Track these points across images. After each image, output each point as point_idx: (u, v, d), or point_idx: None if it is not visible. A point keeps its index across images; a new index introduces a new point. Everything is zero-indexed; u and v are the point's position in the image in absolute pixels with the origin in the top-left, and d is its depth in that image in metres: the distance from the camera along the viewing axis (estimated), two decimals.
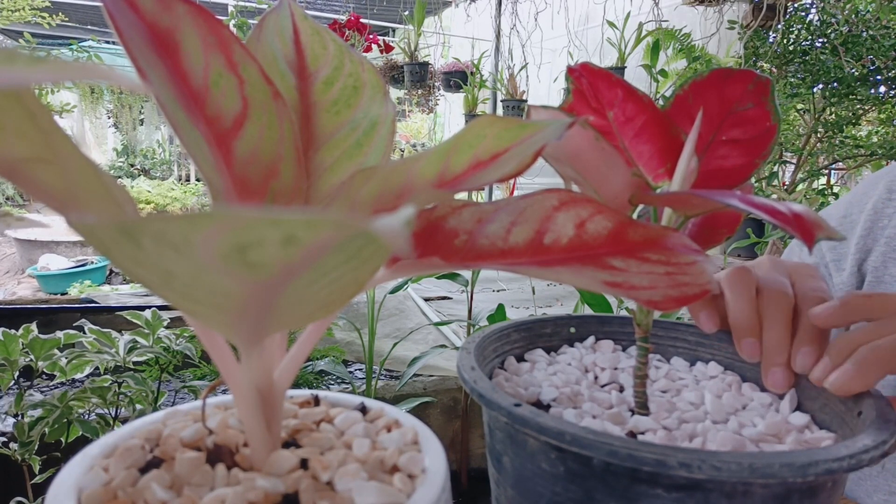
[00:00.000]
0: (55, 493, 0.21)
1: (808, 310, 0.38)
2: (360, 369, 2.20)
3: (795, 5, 2.47)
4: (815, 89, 2.52)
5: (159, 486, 0.21)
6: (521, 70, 3.24)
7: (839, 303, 0.36)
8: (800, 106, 2.67)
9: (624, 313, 0.46)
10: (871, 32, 2.27)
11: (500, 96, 3.37)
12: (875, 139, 2.81)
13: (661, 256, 0.24)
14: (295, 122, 0.25)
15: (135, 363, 1.08)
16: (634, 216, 0.33)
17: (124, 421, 1.04)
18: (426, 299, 2.80)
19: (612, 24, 2.73)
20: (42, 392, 1.15)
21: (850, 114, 2.59)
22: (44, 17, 3.34)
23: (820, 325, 0.36)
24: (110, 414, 1.05)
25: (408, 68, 3.51)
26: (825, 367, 0.34)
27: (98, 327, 1.08)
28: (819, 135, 2.68)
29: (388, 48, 3.48)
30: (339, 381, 1.78)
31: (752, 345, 0.37)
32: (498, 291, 3.05)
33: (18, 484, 1.01)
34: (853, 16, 2.31)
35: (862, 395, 0.32)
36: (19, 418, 0.99)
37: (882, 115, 2.86)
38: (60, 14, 3.46)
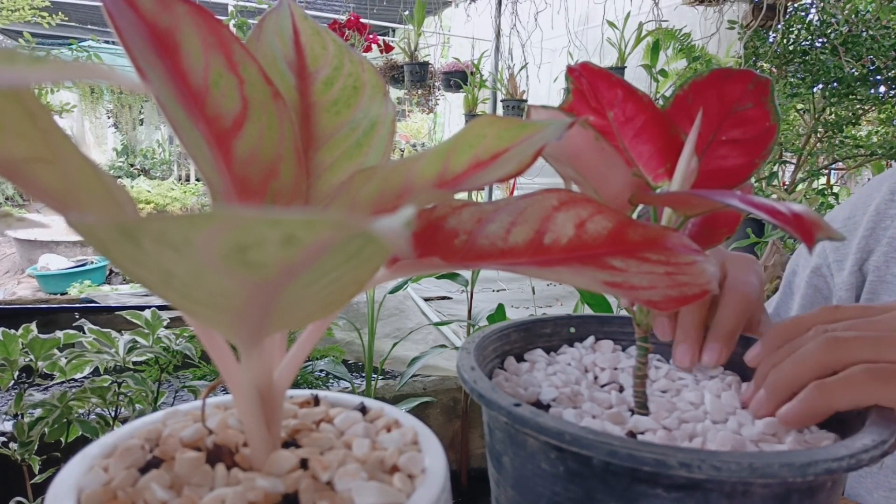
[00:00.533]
0: (55, 493, 0.21)
1: (728, 302, 0.40)
2: (358, 366, 2.20)
3: (795, 5, 2.47)
4: (815, 89, 2.52)
5: (159, 486, 0.21)
6: (521, 70, 3.23)
7: (762, 343, 0.37)
8: (800, 106, 2.67)
9: (624, 313, 0.46)
10: (871, 32, 2.27)
11: (500, 96, 3.37)
12: (875, 139, 2.81)
13: (660, 256, 0.24)
14: (295, 122, 0.25)
15: (135, 363, 1.08)
16: (634, 216, 0.33)
17: (124, 421, 1.04)
18: (426, 299, 2.80)
19: (612, 24, 2.73)
20: (42, 391, 1.15)
21: (850, 114, 2.59)
22: (44, 17, 3.34)
23: (753, 365, 0.37)
24: (110, 414, 1.05)
25: (408, 68, 3.51)
26: (749, 390, 0.36)
27: (98, 327, 1.09)
28: (819, 135, 2.68)
29: (388, 48, 3.48)
30: (337, 379, 1.78)
31: (664, 324, 0.41)
32: (498, 291, 3.05)
33: (18, 484, 1.01)
34: (853, 16, 2.31)
35: None
36: (19, 418, 0.99)
37: (882, 115, 2.86)
38: (60, 14, 3.46)
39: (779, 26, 2.43)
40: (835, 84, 2.42)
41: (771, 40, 2.54)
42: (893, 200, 0.63)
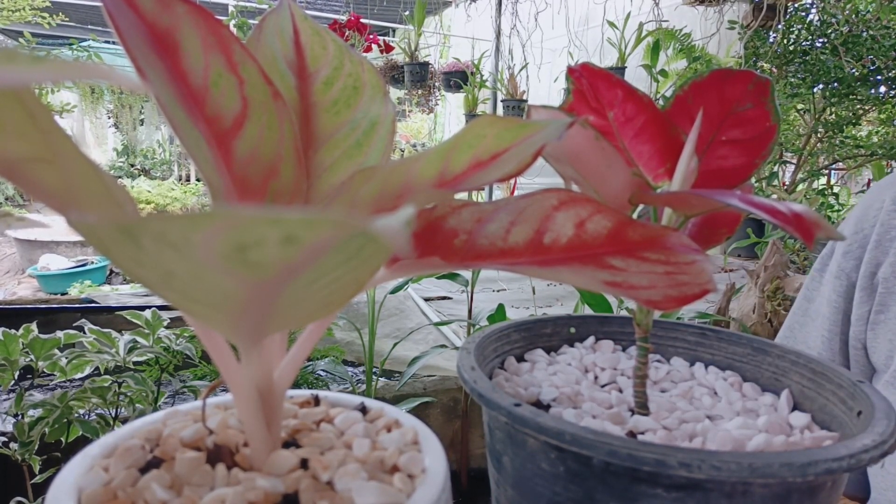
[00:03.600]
0: (55, 493, 0.21)
1: None
2: (356, 366, 2.20)
3: (796, 5, 2.47)
4: (815, 89, 2.53)
5: (159, 486, 0.21)
6: (521, 70, 3.24)
7: None
8: (800, 106, 2.67)
9: (624, 313, 0.46)
10: (871, 32, 2.27)
11: (500, 96, 3.37)
12: (875, 139, 2.81)
13: (660, 256, 0.24)
14: (295, 122, 0.25)
15: (135, 363, 1.08)
16: (634, 216, 0.33)
17: (124, 421, 1.04)
18: (426, 299, 2.80)
19: (612, 25, 2.73)
20: (42, 391, 1.16)
21: (851, 114, 2.60)
22: (44, 17, 3.35)
23: None
24: (110, 414, 1.05)
25: (408, 68, 3.52)
26: None
27: (98, 327, 1.08)
28: (819, 135, 2.68)
29: (388, 48, 3.48)
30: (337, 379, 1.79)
31: None
32: (498, 291, 3.04)
33: (18, 484, 1.01)
34: (853, 16, 2.31)
35: (862, 395, 0.32)
36: (19, 418, 0.99)
37: (882, 115, 2.86)
38: (60, 14, 3.46)
39: (779, 26, 2.43)
40: (835, 84, 2.42)
41: (771, 40, 2.54)
42: None
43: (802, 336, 0.72)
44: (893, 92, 2.47)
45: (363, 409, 0.28)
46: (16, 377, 1.00)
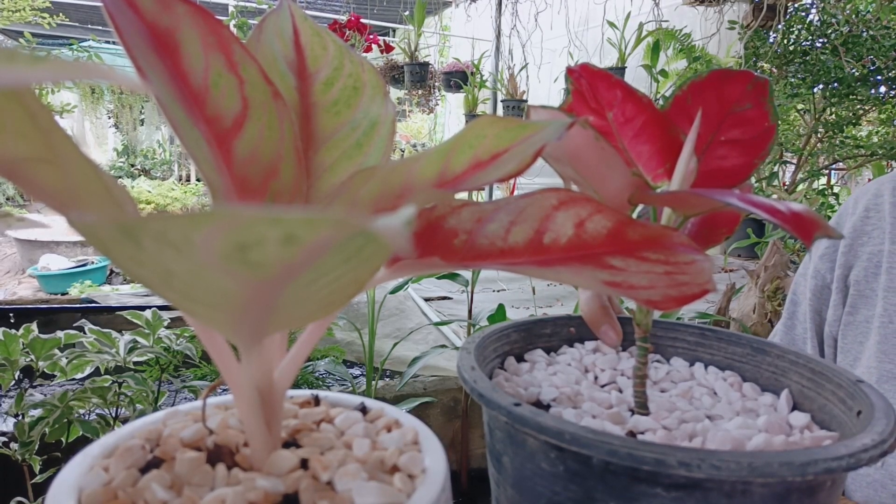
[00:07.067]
0: (55, 493, 0.21)
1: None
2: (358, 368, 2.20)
3: (796, 5, 2.47)
4: (815, 89, 2.53)
5: (159, 486, 0.21)
6: (521, 70, 3.24)
7: None
8: (800, 106, 2.67)
9: (624, 313, 0.46)
10: (871, 32, 2.27)
11: (500, 96, 3.38)
12: (875, 139, 2.81)
13: (660, 256, 0.24)
14: (295, 123, 0.25)
15: (135, 363, 1.08)
16: (634, 216, 0.33)
17: (124, 421, 1.04)
18: (426, 299, 2.80)
19: (612, 25, 2.73)
20: (42, 391, 1.16)
21: (851, 114, 2.60)
22: (44, 17, 3.35)
23: None
24: (110, 414, 1.05)
25: (408, 68, 3.52)
26: None
27: (98, 327, 1.09)
28: (819, 135, 2.68)
29: (388, 48, 3.48)
30: (340, 381, 1.79)
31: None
32: (498, 291, 3.05)
33: (18, 484, 1.01)
34: (853, 16, 2.32)
35: (861, 394, 0.32)
36: (20, 418, 0.99)
37: (882, 116, 2.86)
38: (60, 14, 3.46)
39: (779, 26, 2.43)
40: (835, 84, 2.42)
41: (771, 40, 2.54)
42: (868, 217, 0.67)
43: (790, 339, 0.73)
44: (893, 92, 2.47)
45: (363, 410, 0.28)
46: (16, 377, 1.00)
